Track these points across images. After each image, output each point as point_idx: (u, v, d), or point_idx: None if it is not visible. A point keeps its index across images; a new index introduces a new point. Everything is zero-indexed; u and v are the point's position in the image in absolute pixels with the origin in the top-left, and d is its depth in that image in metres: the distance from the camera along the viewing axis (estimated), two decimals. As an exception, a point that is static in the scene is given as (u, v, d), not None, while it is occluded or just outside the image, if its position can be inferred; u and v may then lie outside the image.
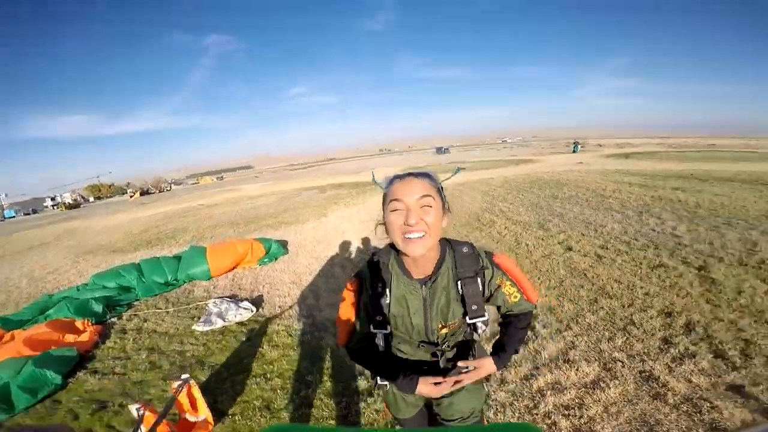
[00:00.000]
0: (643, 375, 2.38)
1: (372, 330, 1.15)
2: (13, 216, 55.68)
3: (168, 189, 65.63)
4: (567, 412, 2.15)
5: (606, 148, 40.87)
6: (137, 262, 5.47)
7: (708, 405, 2.04)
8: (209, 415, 2.19)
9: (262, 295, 4.54)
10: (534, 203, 8.50)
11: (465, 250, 1.11)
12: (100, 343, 3.73)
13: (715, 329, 2.78)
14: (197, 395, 2.06)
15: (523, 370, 2.58)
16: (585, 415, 2.10)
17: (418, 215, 0.97)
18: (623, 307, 3.26)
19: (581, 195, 9.08)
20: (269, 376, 2.84)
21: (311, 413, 2.39)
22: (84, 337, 3.72)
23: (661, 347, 2.65)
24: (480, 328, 1.12)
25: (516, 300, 1.15)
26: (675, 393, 2.18)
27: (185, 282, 5.29)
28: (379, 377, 1.22)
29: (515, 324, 1.20)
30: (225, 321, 3.82)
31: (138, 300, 4.88)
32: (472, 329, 1.14)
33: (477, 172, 18.24)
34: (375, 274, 1.13)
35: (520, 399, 2.31)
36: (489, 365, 1.13)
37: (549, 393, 2.32)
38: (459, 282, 1.08)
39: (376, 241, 6.22)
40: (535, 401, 2.27)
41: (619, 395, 2.22)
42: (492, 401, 2.30)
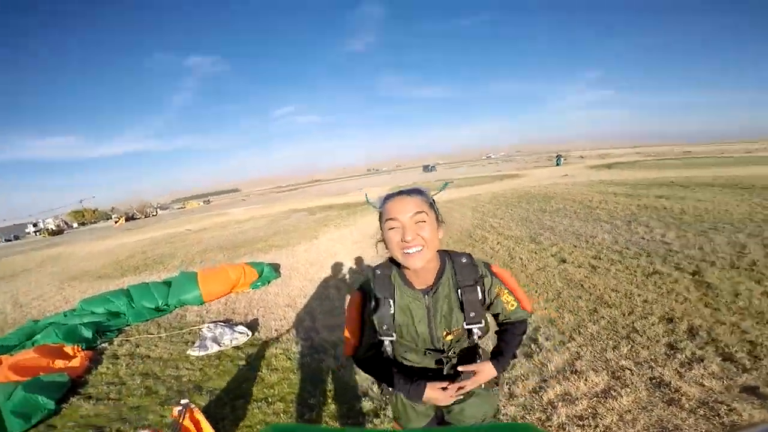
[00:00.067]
0: (654, 381, 2.36)
1: (379, 338, 1.18)
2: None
3: (154, 214, 64.43)
4: (581, 422, 2.11)
5: (588, 159, 41.97)
6: (125, 287, 5.30)
7: (725, 408, 2.02)
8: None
9: (257, 319, 4.41)
10: (524, 217, 8.58)
11: (464, 260, 1.16)
12: (92, 369, 3.59)
13: (719, 332, 2.80)
14: (201, 419, 1.96)
15: (531, 383, 2.53)
16: (600, 425, 2.06)
17: (413, 231, 1.01)
18: (624, 316, 3.26)
19: (569, 207, 9.23)
20: (271, 400, 2.73)
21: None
22: (75, 363, 3.58)
23: (668, 353, 2.65)
24: (476, 334, 1.15)
25: (513, 308, 1.20)
26: (689, 398, 2.16)
27: (176, 307, 5.12)
28: (387, 385, 1.23)
29: (512, 331, 1.24)
30: (221, 345, 3.68)
31: (128, 325, 4.71)
32: (470, 335, 1.17)
33: (465, 188, 18.46)
34: (378, 285, 1.16)
35: (531, 412, 2.26)
36: (489, 369, 1.16)
37: (560, 405, 2.27)
38: (459, 290, 1.13)
39: (369, 261, 6.18)
40: (548, 413, 2.23)
41: (633, 403, 2.19)
42: (503, 416, 2.24)
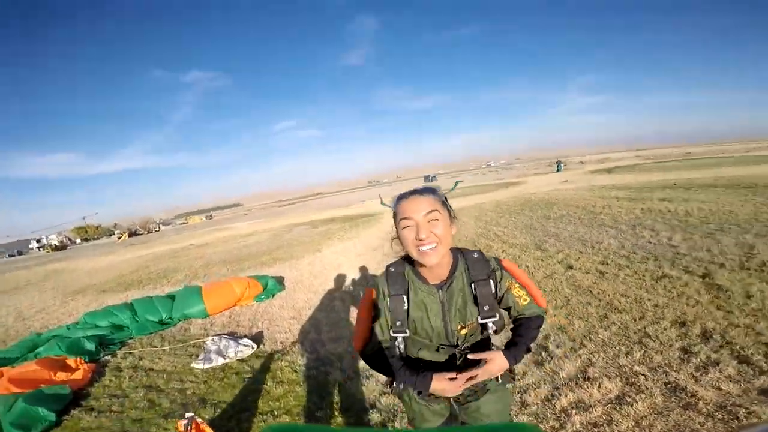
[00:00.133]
0: (669, 386, 2.30)
1: (392, 334, 1.18)
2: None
3: (157, 230, 64.65)
4: (596, 429, 2.05)
5: (588, 164, 41.90)
6: (129, 301, 5.28)
7: (744, 411, 1.96)
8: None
9: (261, 332, 4.37)
10: (528, 225, 8.52)
11: (475, 255, 1.19)
12: (94, 381, 3.55)
13: (733, 335, 2.73)
14: (208, 432, 1.92)
15: (543, 391, 2.47)
16: (616, 431, 2.01)
17: (427, 229, 1.05)
18: (635, 321, 3.20)
19: (573, 213, 9.18)
20: (277, 413, 2.67)
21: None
22: (77, 375, 3.55)
23: (682, 357, 2.58)
24: (490, 328, 1.16)
25: (526, 303, 1.20)
26: (706, 402, 2.10)
27: (180, 321, 5.08)
28: (393, 380, 1.23)
29: (527, 325, 1.22)
30: (225, 358, 3.64)
31: (132, 338, 4.68)
32: (484, 330, 1.18)
33: (467, 197, 18.41)
34: (392, 282, 1.19)
35: (544, 420, 2.21)
36: (500, 359, 1.13)
37: (574, 412, 2.21)
38: (473, 284, 1.15)
39: (374, 271, 6.13)
40: (561, 422, 2.17)
41: (648, 408, 2.13)
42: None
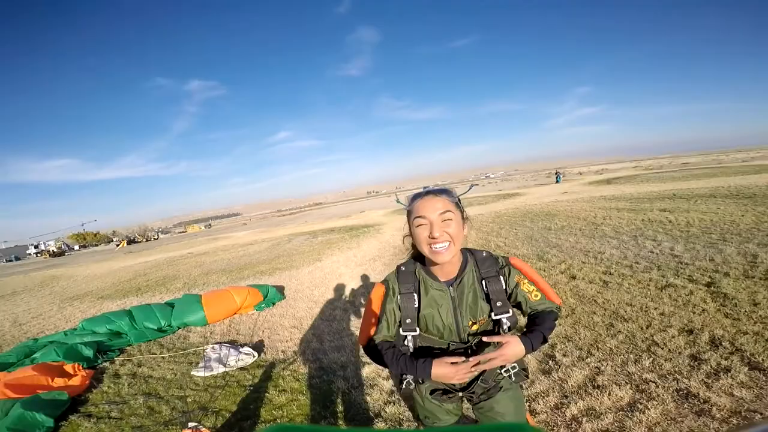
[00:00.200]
0: (681, 393, 2.27)
1: (402, 332, 1.19)
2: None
3: (155, 238, 64.44)
4: (609, 438, 2.01)
5: (586, 175, 42.04)
6: (128, 308, 5.22)
7: (759, 416, 1.94)
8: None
9: (262, 341, 4.31)
10: (528, 236, 8.49)
11: (484, 254, 1.24)
12: (92, 388, 3.49)
13: (742, 342, 2.71)
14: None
15: (552, 399, 2.43)
16: (629, 439, 1.97)
17: (440, 228, 1.08)
18: (642, 329, 3.18)
19: (573, 224, 9.16)
20: (280, 421, 2.62)
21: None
22: (75, 381, 3.49)
23: (692, 364, 2.56)
24: (504, 324, 1.17)
25: (537, 298, 1.21)
26: (720, 408, 2.07)
27: (179, 328, 5.02)
28: (393, 372, 1.22)
29: (542, 317, 1.20)
30: (226, 366, 3.58)
31: (130, 345, 4.61)
32: (497, 326, 1.19)
33: (467, 208, 18.37)
34: (402, 280, 1.21)
35: (555, 429, 2.17)
36: (516, 343, 1.08)
37: (585, 420, 2.18)
38: (483, 281, 1.18)
39: (374, 280, 6.09)
40: (572, 429, 2.13)
41: (661, 415, 2.10)
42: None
